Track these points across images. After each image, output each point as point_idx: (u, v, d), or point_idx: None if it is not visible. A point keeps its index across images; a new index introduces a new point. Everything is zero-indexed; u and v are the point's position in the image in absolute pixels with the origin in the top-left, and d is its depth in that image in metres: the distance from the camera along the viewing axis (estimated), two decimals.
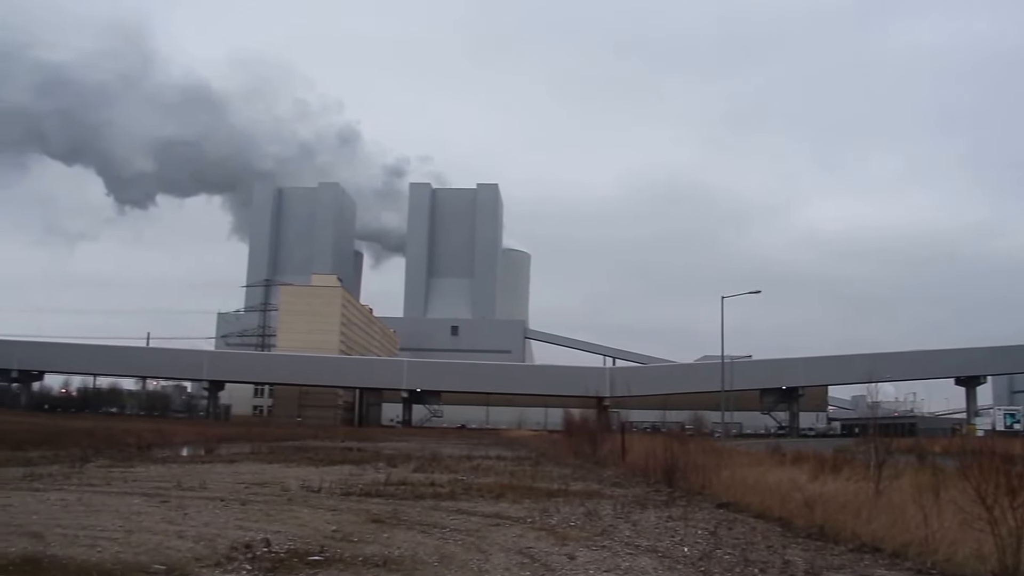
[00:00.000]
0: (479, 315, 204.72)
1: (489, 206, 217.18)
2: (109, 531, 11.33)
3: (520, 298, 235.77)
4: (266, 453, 34.37)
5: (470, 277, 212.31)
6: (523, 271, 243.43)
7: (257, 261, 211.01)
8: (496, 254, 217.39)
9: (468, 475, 24.51)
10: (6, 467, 22.10)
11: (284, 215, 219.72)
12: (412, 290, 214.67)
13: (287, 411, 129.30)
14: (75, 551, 9.68)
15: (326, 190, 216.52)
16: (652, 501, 18.06)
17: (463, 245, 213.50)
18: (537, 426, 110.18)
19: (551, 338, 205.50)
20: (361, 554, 10.21)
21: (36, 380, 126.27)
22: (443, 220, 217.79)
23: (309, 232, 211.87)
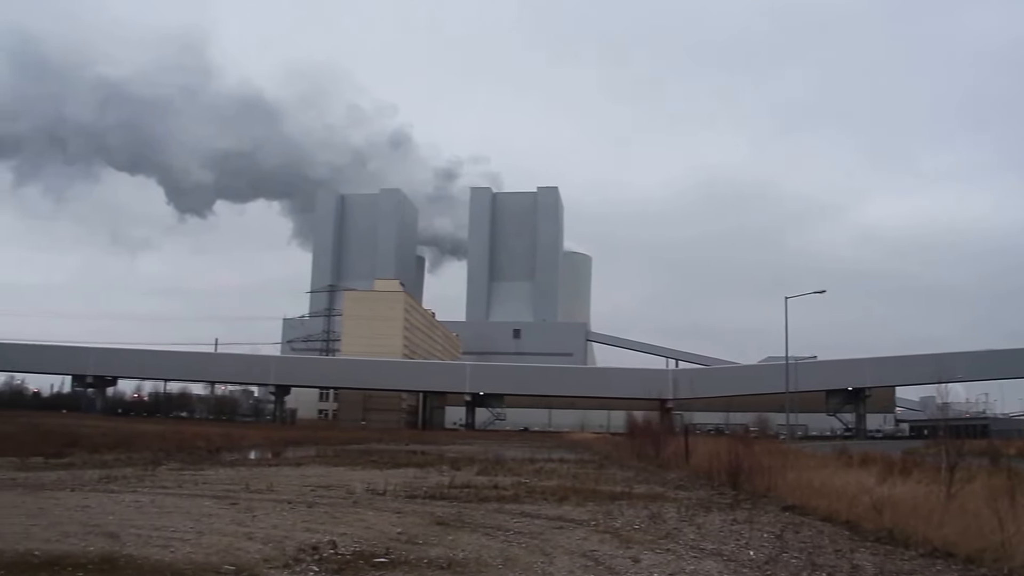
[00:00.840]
0: (541, 318, 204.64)
1: (550, 209, 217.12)
2: (181, 532, 11.55)
3: (581, 301, 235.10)
4: (332, 456, 34.71)
5: (531, 280, 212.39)
6: (584, 273, 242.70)
7: (321, 267, 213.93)
8: (557, 257, 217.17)
9: (531, 478, 24.47)
10: (83, 469, 22.73)
11: (347, 221, 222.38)
12: (474, 294, 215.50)
13: (352, 415, 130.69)
14: (149, 551, 9.90)
15: (387, 196, 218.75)
16: (717, 504, 17.84)
17: (524, 248, 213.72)
18: (600, 429, 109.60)
19: (613, 340, 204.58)
20: (426, 556, 10.27)
21: (110, 385, 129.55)
22: (504, 224, 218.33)
23: (372, 238, 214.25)
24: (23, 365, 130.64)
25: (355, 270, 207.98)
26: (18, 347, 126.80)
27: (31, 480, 19.08)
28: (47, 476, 20.35)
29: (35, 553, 9.45)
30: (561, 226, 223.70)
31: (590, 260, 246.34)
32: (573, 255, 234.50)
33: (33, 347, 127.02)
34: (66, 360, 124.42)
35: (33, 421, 58.27)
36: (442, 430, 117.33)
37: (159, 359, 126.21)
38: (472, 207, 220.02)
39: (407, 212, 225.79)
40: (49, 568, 8.77)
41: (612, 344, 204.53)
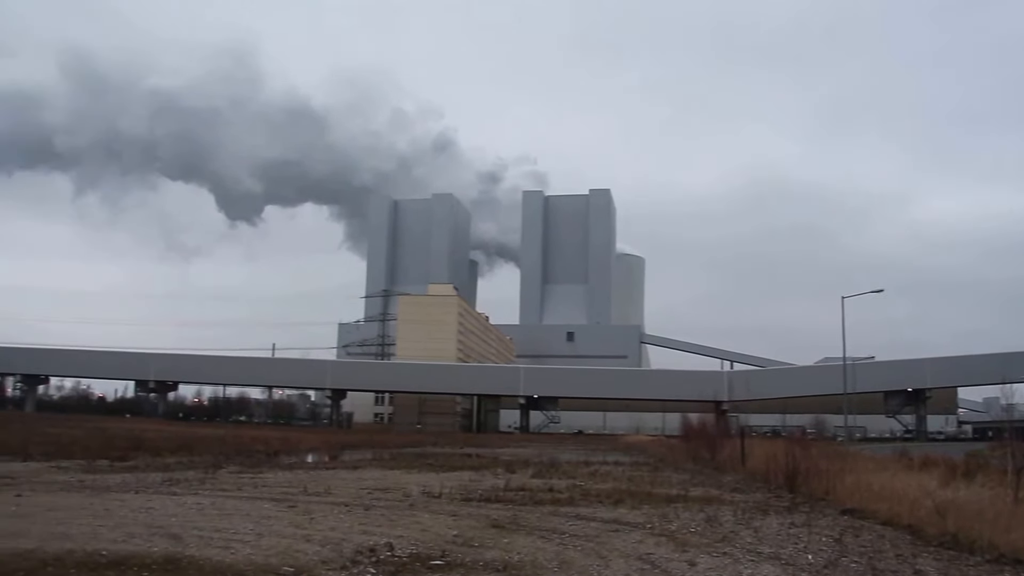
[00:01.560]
0: (594, 321, 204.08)
1: (602, 211, 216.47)
2: (241, 534, 11.73)
3: (635, 303, 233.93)
4: (387, 459, 34.99)
5: (584, 283, 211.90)
6: (637, 275, 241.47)
7: (375, 272, 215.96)
8: (610, 259, 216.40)
9: (586, 480, 24.41)
10: (147, 472, 23.21)
11: (400, 226, 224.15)
12: (527, 297, 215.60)
13: (407, 418, 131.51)
14: (210, 552, 10.09)
15: (440, 201, 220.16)
16: (773, 507, 17.64)
17: (577, 251, 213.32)
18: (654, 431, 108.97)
19: (667, 342, 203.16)
20: (481, 559, 10.31)
21: (171, 390, 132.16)
22: (556, 226, 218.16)
23: (425, 242, 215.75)
24: (89, 371, 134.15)
25: (409, 275, 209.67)
26: (84, 354, 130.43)
27: (98, 482, 19.53)
28: (112, 478, 20.82)
29: (103, 553, 9.70)
30: (614, 228, 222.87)
31: (643, 262, 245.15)
32: (626, 257, 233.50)
33: (98, 353, 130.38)
34: (129, 366, 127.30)
35: (99, 425, 59.71)
36: (496, 433, 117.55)
37: (218, 364, 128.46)
38: (524, 210, 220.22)
39: (459, 216, 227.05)
40: (116, 567, 9.00)
41: (666, 346, 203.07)
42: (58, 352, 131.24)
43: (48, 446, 31.93)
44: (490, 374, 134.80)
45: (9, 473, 21.47)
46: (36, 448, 30.44)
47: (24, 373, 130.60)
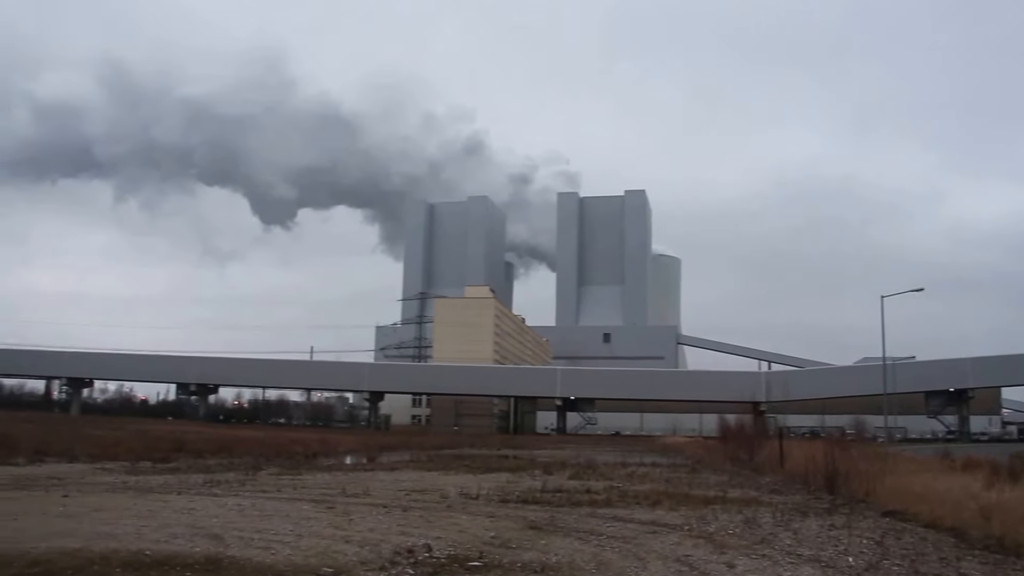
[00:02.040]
0: (631, 322, 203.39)
1: (637, 212, 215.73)
2: (281, 535, 11.85)
3: (671, 303, 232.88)
4: (425, 461, 35.14)
5: (621, 284, 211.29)
6: (673, 276, 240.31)
7: (411, 275, 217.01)
8: (646, 260, 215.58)
9: (623, 482, 24.37)
10: (188, 474, 23.53)
11: (436, 229, 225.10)
12: (563, 299, 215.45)
13: (444, 420, 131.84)
14: (251, 553, 10.22)
15: (476, 203, 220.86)
16: (813, 509, 17.48)
17: (612, 252, 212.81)
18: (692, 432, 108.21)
19: (704, 343, 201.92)
20: (519, 560, 10.34)
21: (211, 393, 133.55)
22: (591, 228, 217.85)
23: (461, 245, 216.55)
24: (132, 374, 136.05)
25: (445, 277, 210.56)
26: (127, 357, 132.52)
27: (141, 483, 19.83)
28: (155, 480, 21.13)
29: (146, 553, 9.86)
30: (649, 229, 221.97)
31: (679, 263, 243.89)
32: (662, 258, 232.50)
33: (141, 357, 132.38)
34: (171, 369, 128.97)
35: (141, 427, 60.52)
36: (533, 435, 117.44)
37: (257, 367, 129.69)
38: (559, 212, 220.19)
39: (495, 218, 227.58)
40: (159, 567, 9.15)
41: (703, 347, 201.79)
42: (102, 356, 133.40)
43: (93, 448, 32.42)
44: (527, 376, 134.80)
45: (56, 474, 21.87)
46: (82, 450, 30.95)
47: (69, 376, 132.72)
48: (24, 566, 8.93)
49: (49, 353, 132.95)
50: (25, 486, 18.29)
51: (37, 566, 8.95)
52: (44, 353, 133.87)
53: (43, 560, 9.25)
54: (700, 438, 79.75)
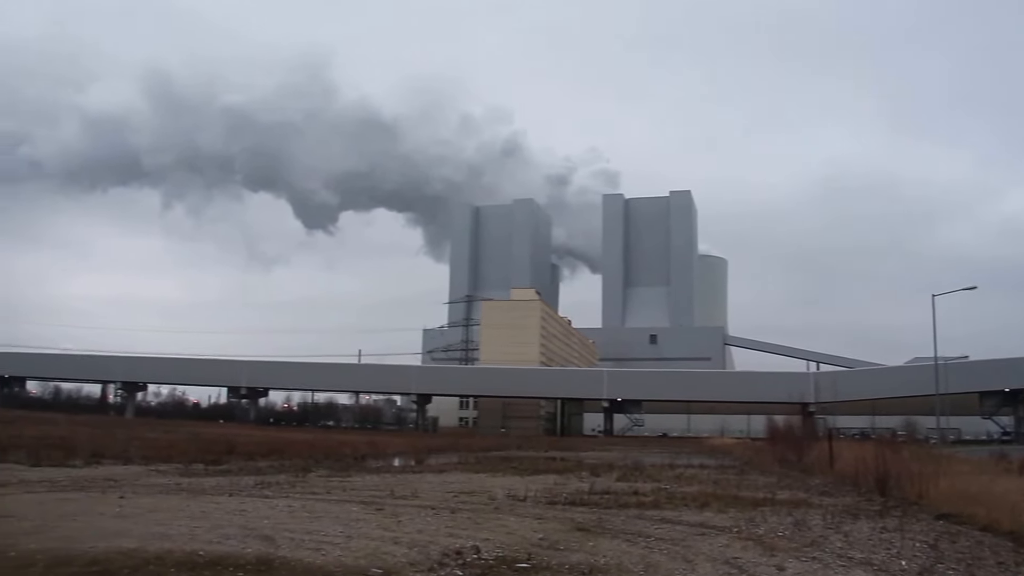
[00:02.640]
0: (677, 323, 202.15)
1: (683, 213, 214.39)
2: (331, 536, 11.96)
3: (718, 304, 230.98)
4: (473, 463, 35.23)
5: (666, 285, 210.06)
6: (720, 277, 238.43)
7: (458, 278, 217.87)
8: (692, 261, 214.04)
9: (671, 484, 24.23)
10: (240, 476, 23.84)
11: (482, 232, 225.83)
12: (609, 300, 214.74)
13: (491, 422, 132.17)
14: (301, 554, 10.33)
15: (521, 206, 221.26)
16: (864, 511, 17.23)
17: (658, 253, 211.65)
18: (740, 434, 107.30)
19: (751, 344, 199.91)
20: (567, 562, 10.34)
21: (262, 396, 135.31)
22: (637, 229, 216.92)
23: (506, 247, 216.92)
24: (184, 378, 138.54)
25: (491, 280, 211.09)
26: (180, 361, 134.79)
27: (194, 485, 20.13)
28: (207, 482, 21.43)
29: (200, 553, 10.03)
30: (695, 229, 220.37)
31: (726, 263, 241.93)
32: (708, 258, 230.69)
33: (193, 361, 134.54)
34: (222, 373, 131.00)
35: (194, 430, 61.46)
36: (580, 436, 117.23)
37: (306, 371, 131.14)
38: (604, 213, 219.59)
39: (540, 221, 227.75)
40: (212, 567, 9.30)
41: (750, 347, 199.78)
42: (155, 360, 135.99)
43: (147, 450, 32.96)
44: (573, 377, 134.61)
45: (112, 476, 22.31)
46: (136, 452, 31.49)
47: (124, 381, 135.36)
48: (83, 565, 9.15)
49: (104, 358, 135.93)
50: (83, 487, 18.66)
51: (95, 565, 9.16)
52: (100, 358, 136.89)
53: (101, 559, 9.46)
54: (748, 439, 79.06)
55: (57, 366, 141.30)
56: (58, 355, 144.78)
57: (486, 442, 67.06)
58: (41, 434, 39.60)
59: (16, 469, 23.24)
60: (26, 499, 15.92)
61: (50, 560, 9.33)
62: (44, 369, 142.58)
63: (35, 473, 22.39)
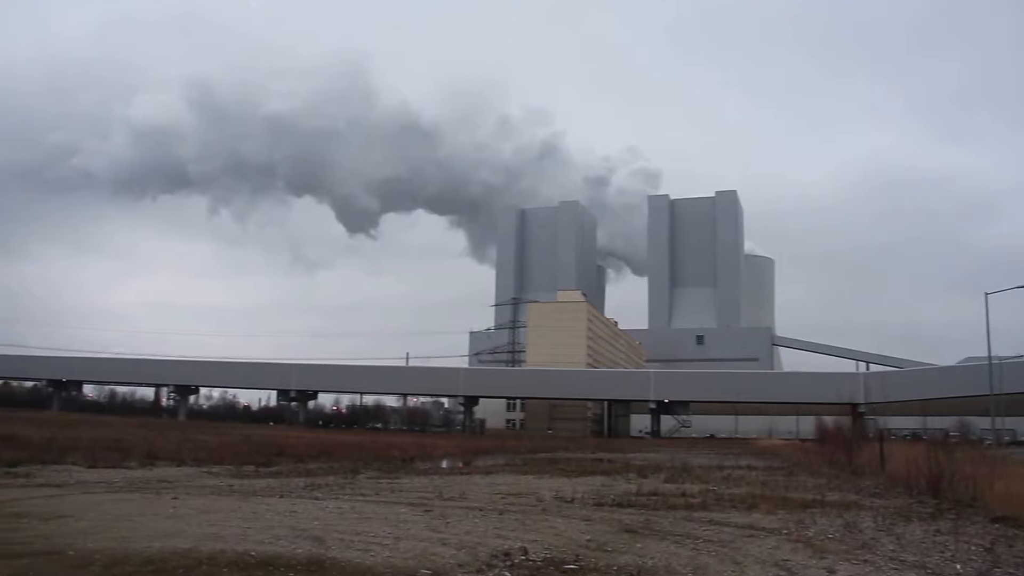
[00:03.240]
0: (724, 324, 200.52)
1: (729, 213, 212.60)
2: (380, 537, 12.04)
3: (765, 304, 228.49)
4: (520, 465, 35.24)
5: (713, 286, 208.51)
6: (767, 277, 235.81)
7: (504, 280, 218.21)
8: (738, 261, 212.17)
9: (719, 485, 24.05)
10: (290, 477, 24.13)
11: (527, 235, 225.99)
12: (655, 301, 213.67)
13: (538, 424, 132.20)
14: (351, 555, 10.42)
15: (567, 208, 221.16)
16: (916, 513, 16.95)
17: (704, 254, 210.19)
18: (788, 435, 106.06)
19: (799, 344, 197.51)
20: (615, 564, 10.31)
21: (311, 399, 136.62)
22: (683, 230, 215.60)
23: (552, 249, 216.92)
24: (235, 381, 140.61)
25: (537, 282, 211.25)
26: (230, 365, 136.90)
27: (245, 487, 20.41)
28: (258, 483, 21.71)
29: (252, 554, 10.17)
30: (741, 230, 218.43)
31: (773, 263, 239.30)
32: (755, 258, 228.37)
33: (243, 365, 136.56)
34: (272, 376, 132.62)
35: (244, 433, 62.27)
36: (627, 438, 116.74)
37: (355, 374, 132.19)
38: (650, 214, 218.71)
39: (586, 222, 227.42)
40: (264, 567, 9.43)
41: (798, 348, 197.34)
42: (207, 364, 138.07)
43: (199, 452, 33.41)
44: (620, 379, 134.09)
45: (166, 477, 22.71)
46: (189, 454, 31.96)
47: (177, 384, 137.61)
48: (138, 564, 9.34)
49: (158, 362, 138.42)
50: (138, 488, 19.01)
51: (150, 564, 9.34)
52: (153, 362, 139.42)
53: (156, 559, 9.64)
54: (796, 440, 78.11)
55: (112, 370, 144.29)
56: (113, 359, 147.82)
57: (533, 444, 67.05)
58: (97, 437, 40.35)
59: (74, 470, 23.75)
60: (83, 500, 16.26)
61: (107, 559, 9.54)
62: (100, 373, 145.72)
63: (92, 474, 22.86)
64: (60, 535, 11.34)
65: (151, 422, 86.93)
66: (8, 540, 10.80)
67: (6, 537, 11.09)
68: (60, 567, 9.15)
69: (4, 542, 10.63)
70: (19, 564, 9.19)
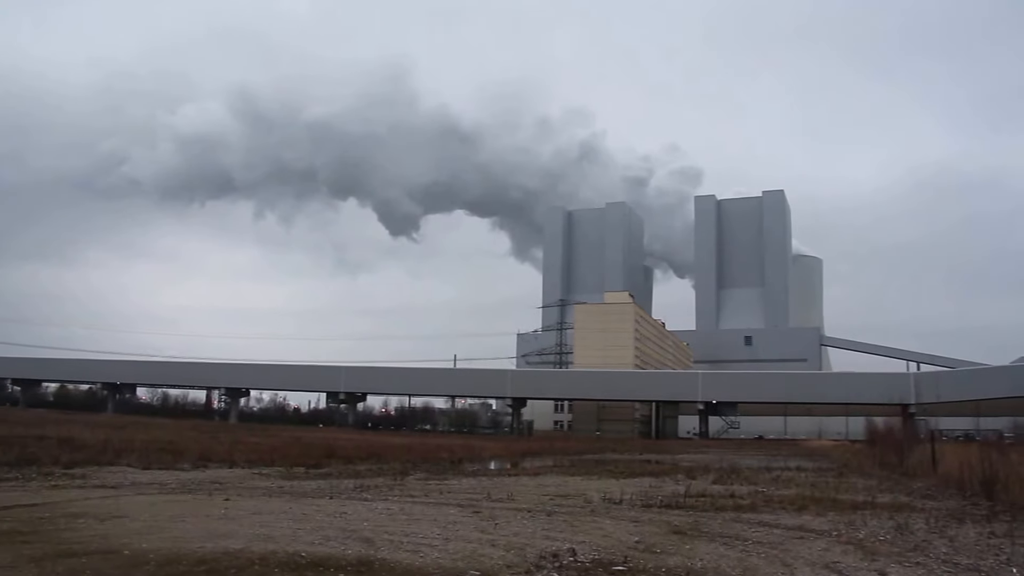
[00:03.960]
0: (772, 324, 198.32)
1: (776, 213, 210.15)
2: (429, 538, 12.12)
3: (814, 305, 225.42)
4: (568, 466, 35.22)
5: (761, 286, 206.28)
6: (816, 277, 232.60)
7: (551, 282, 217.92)
8: (786, 261, 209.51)
9: (768, 486, 23.85)
10: (339, 479, 24.36)
11: (574, 236, 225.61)
12: (703, 302, 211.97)
13: (586, 425, 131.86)
14: (401, 556, 10.51)
15: (614, 210, 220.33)
16: (970, 515, 16.65)
17: (751, 254, 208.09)
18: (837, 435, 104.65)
19: (849, 344, 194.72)
20: (664, 565, 10.28)
21: (360, 401, 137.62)
22: (730, 230, 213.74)
23: (599, 251, 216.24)
24: (285, 384, 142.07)
25: (584, 283, 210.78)
26: (280, 368, 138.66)
27: (295, 488, 20.65)
28: (308, 485, 21.95)
29: (302, 554, 10.30)
30: (789, 229, 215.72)
31: (821, 263, 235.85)
32: (803, 258, 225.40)
33: (293, 367, 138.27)
34: (321, 379, 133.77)
35: (295, 435, 62.96)
36: (675, 439, 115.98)
37: (403, 376, 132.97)
38: (696, 214, 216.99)
39: (633, 224, 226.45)
40: (314, 568, 9.54)
41: (848, 348, 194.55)
42: (257, 367, 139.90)
43: (251, 454, 33.84)
44: (668, 380, 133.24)
45: (217, 479, 23.06)
46: (240, 456, 32.38)
47: (228, 387, 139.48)
48: (192, 564, 9.50)
49: (209, 365, 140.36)
50: (191, 490, 19.33)
51: (203, 564, 9.50)
52: (205, 365, 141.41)
53: (208, 559, 9.80)
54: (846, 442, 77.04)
55: (165, 373, 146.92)
56: (166, 363, 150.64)
57: (581, 445, 66.96)
58: (151, 439, 41.08)
59: (128, 472, 24.22)
60: (138, 501, 16.57)
61: (161, 559, 9.72)
62: (153, 376, 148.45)
63: (146, 476, 23.30)
64: (116, 535, 11.57)
65: (203, 424, 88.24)
66: (67, 539, 11.08)
67: (65, 536, 11.37)
68: (116, 566, 9.34)
69: (64, 541, 10.90)
70: (77, 563, 9.41)
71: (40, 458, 25.72)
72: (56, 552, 10.02)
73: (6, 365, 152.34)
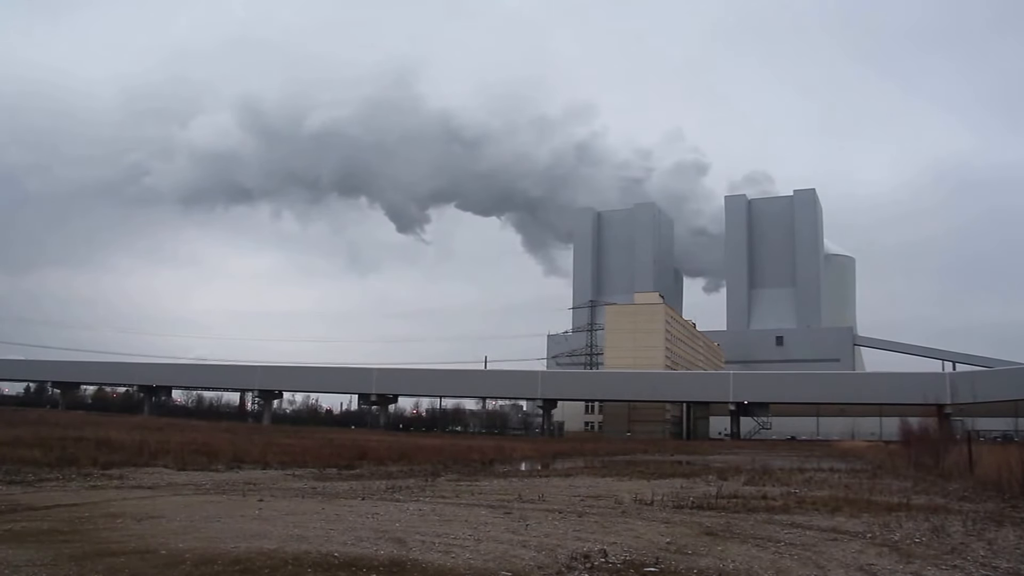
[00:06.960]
0: (804, 324, 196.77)
1: (808, 212, 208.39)
2: (460, 539, 12.16)
3: (846, 304, 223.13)
4: (599, 467, 35.19)
5: (792, 286, 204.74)
6: (848, 276, 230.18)
7: (581, 282, 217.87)
8: (818, 261, 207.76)
9: (801, 487, 23.69)
10: (371, 480, 24.51)
11: (604, 237, 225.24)
12: (734, 302, 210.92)
13: (617, 426, 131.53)
14: (432, 556, 10.56)
15: (642, 210, 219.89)
16: (1009, 518, 16.42)
17: (783, 254, 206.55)
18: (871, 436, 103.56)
19: (882, 344, 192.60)
20: (695, 567, 10.26)
21: (391, 403, 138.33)
22: (761, 230, 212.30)
23: (629, 252, 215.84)
24: (317, 386, 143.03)
25: (614, 284, 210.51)
26: (313, 370, 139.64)
27: (328, 489, 20.80)
28: (341, 485, 22.11)
29: (335, 555, 10.39)
30: (820, 229, 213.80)
31: (853, 262, 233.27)
32: (835, 257, 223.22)
33: (325, 369, 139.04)
34: (353, 381, 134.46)
35: (327, 436, 63.34)
36: (707, 440, 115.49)
37: (434, 377, 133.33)
38: (727, 215, 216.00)
39: (663, 224, 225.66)
40: (347, 568, 9.62)
41: (881, 348, 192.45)
42: (290, 369, 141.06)
43: (284, 455, 34.06)
44: (699, 381, 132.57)
45: (252, 480, 23.28)
46: (273, 457, 32.61)
47: (261, 389, 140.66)
48: (226, 564, 9.62)
49: (243, 368, 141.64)
50: (225, 491, 19.53)
51: (238, 564, 9.62)
52: (239, 368, 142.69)
53: (243, 559, 9.92)
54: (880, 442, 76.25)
55: (199, 376, 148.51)
56: (201, 365, 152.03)
57: (612, 446, 66.83)
58: (186, 440, 41.49)
59: (164, 473, 24.53)
60: (174, 501, 16.78)
61: (196, 559, 9.85)
62: (187, 379, 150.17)
63: (181, 477, 23.58)
64: (152, 535, 11.74)
65: (237, 426, 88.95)
66: (105, 539, 11.26)
67: (104, 536, 11.57)
68: (153, 566, 9.48)
69: (102, 540, 11.09)
70: (115, 562, 9.56)
71: (79, 459, 26.13)
72: (95, 551, 10.19)
73: (47, 368, 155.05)
